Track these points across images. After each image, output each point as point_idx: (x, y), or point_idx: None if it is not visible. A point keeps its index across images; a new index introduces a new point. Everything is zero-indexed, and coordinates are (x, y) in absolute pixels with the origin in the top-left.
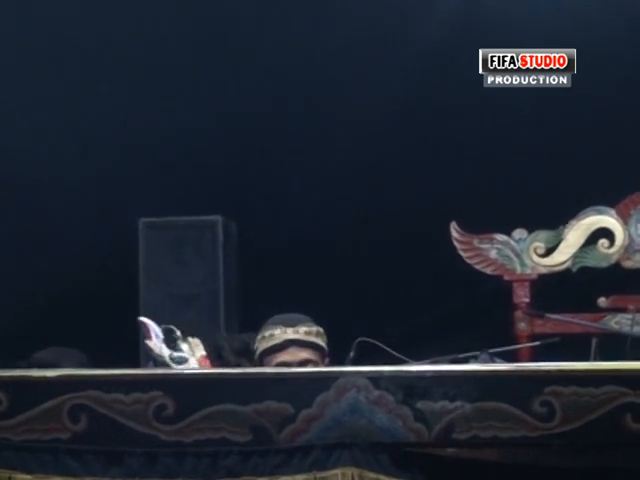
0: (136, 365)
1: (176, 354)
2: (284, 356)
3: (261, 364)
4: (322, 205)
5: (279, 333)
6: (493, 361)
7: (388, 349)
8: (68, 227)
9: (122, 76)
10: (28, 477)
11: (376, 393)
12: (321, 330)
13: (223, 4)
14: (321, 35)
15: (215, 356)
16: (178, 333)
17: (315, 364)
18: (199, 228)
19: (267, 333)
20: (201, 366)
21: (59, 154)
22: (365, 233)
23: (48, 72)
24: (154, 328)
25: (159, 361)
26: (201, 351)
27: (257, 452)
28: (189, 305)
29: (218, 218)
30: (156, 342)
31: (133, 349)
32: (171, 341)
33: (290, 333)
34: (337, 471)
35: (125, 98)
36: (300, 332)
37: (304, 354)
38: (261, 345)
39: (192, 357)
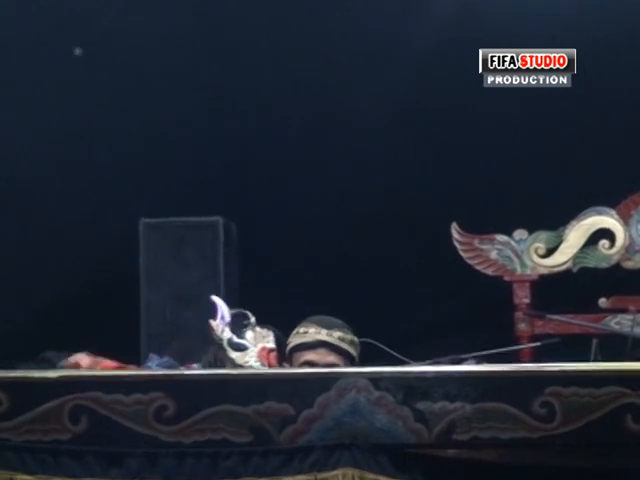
0: (137, 365)
1: (236, 340)
2: (312, 355)
3: (290, 359)
4: (322, 206)
5: (313, 332)
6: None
7: (388, 350)
8: (69, 227)
9: (123, 76)
10: (29, 478)
11: (376, 394)
12: (356, 340)
13: (225, 6)
14: (321, 35)
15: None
16: (251, 320)
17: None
18: (200, 229)
19: (302, 330)
20: (260, 358)
21: (59, 154)
22: (365, 233)
23: (49, 72)
24: (222, 309)
25: (217, 343)
26: (266, 343)
27: (258, 453)
28: (189, 305)
29: (219, 219)
30: (219, 323)
31: (134, 349)
32: (239, 326)
33: (324, 335)
34: (337, 472)
35: (125, 98)
36: (334, 336)
37: (332, 358)
38: (293, 340)
39: (253, 347)
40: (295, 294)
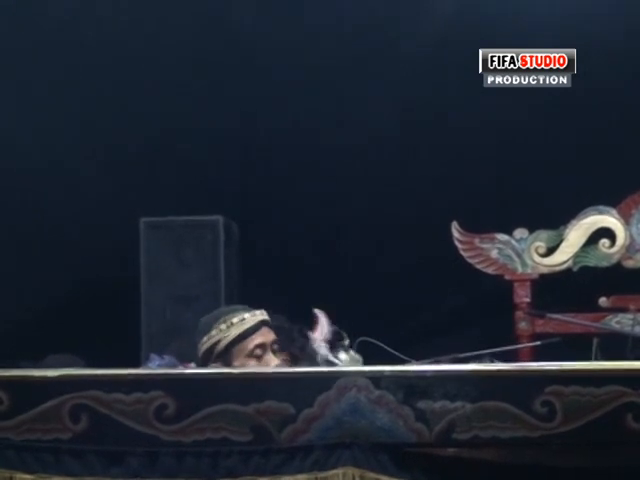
0: (137, 365)
1: (331, 358)
2: (258, 338)
3: (229, 353)
4: (322, 205)
5: (249, 316)
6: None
7: (389, 349)
8: (69, 227)
9: (123, 76)
10: (29, 477)
11: (377, 393)
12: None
13: (225, 6)
14: (321, 35)
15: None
16: (346, 342)
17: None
18: (200, 228)
19: (235, 319)
20: None
21: (60, 154)
22: (366, 233)
23: (50, 71)
24: (324, 325)
25: (312, 355)
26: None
27: (258, 452)
28: (190, 305)
29: (219, 218)
30: (319, 338)
31: (134, 349)
32: (335, 345)
33: (259, 315)
34: (338, 471)
35: (126, 98)
36: (264, 314)
37: (272, 335)
38: (232, 332)
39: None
40: (295, 294)
